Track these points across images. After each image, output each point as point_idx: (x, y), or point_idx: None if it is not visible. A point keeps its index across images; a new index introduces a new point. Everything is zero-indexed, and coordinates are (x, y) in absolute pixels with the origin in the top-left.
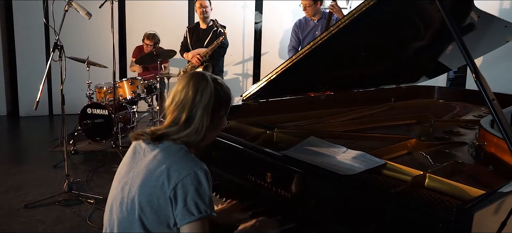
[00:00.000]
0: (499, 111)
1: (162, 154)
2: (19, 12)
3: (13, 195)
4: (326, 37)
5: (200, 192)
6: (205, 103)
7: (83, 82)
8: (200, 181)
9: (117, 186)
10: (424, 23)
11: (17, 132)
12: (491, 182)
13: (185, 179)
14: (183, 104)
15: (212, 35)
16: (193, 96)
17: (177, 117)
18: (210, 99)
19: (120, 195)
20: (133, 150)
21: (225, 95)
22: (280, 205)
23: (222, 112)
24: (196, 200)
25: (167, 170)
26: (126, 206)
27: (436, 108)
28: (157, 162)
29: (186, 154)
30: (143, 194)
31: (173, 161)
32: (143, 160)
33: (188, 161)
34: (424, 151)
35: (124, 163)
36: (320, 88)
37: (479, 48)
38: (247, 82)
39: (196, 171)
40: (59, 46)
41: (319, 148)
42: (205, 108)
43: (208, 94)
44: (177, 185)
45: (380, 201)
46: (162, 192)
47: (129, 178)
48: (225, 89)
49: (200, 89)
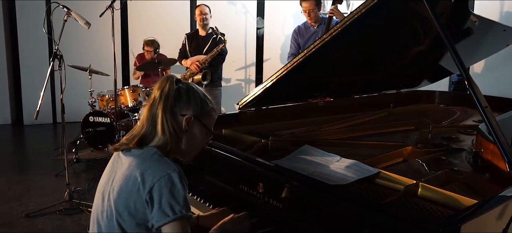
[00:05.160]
0: (492, 118)
1: (137, 160)
2: (22, 21)
3: (14, 204)
4: (323, 42)
5: (174, 194)
6: (163, 100)
7: (86, 90)
8: (173, 183)
9: (99, 197)
10: (423, 27)
11: (20, 140)
12: (486, 191)
13: (159, 182)
14: (149, 102)
15: (212, 43)
16: (154, 95)
17: (145, 116)
18: (167, 96)
19: (101, 205)
20: (112, 160)
21: (191, 97)
22: (272, 215)
23: (188, 114)
24: (170, 201)
25: (141, 175)
26: (106, 214)
27: (436, 113)
28: (132, 168)
29: (159, 157)
30: (120, 200)
31: (147, 166)
32: (120, 169)
33: (161, 165)
34: (420, 159)
35: (105, 174)
36: (318, 95)
37: (480, 52)
38: (249, 88)
39: (169, 173)
40: (58, 55)
41: (313, 157)
42: (164, 105)
43: (166, 92)
44: (152, 188)
45: (369, 212)
46: (138, 196)
47: (108, 186)
48: (193, 92)
49: (160, 87)
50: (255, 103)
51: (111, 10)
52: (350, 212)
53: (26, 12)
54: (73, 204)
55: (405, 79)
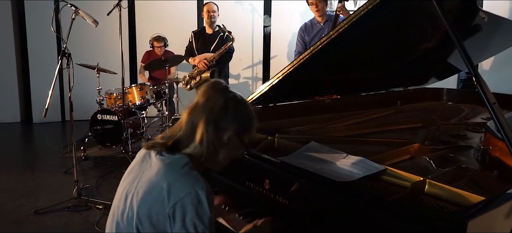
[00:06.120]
0: (500, 115)
1: (165, 168)
2: (31, 20)
3: (23, 201)
4: (329, 39)
5: (199, 213)
6: (208, 111)
7: (94, 89)
8: (200, 201)
9: (122, 194)
10: (431, 24)
11: (29, 138)
12: (495, 188)
13: (185, 198)
14: (191, 106)
15: (219, 40)
16: (198, 101)
17: (184, 119)
18: (213, 108)
19: (123, 204)
20: (142, 158)
21: (238, 113)
22: (278, 212)
23: (230, 130)
24: (195, 221)
25: (168, 187)
26: (126, 215)
27: (444, 111)
28: (160, 176)
29: (189, 171)
30: (143, 207)
31: (175, 178)
32: (149, 171)
33: (189, 179)
34: (428, 156)
35: (131, 170)
36: (325, 92)
37: (488, 49)
38: (256, 86)
39: (197, 190)
40: (66, 53)
41: (319, 153)
42: (208, 117)
43: (212, 102)
44: (176, 203)
45: (375, 209)
46: (161, 208)
47: (133, 187)
48: (241, 108)
49: (206, 94)
50: (262, 100)
51: (119, 9)
52: (356, 208)
53: (35, 11)
54: (81, 201)
55: (413, 76)
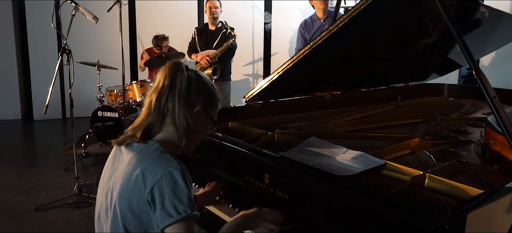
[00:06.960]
0: (501, 109)
1: (137, 157)
2: (32, 17)
3: (24, 198)
4: (329, 34)
5: (177, 193)
6: (175, 90)
7: (94, 85)
8: (175, 181)
9: (101, 194)
10: (431, 19)
11: (30, 135)
12: (495, 182)
13: (160, 181)
14: (156, 91)
15: (221, 37)
16: (161, 82)
17: (150, 104)
18: (180, 87)
19: (105, 202)
20: (113, 155)
21: (201, 87)
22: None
23: (198, 105)
24: (173, 201)
25: (142, 173)
26: (110, 213)
27: (444, 106)
28: (133, 165)
29: (160, 154)
30: (122, 200)
31: (147, 163)
32: (121, 165)
33: (162, 161)
34: (428, 151)
35: (106, 169)
36: (326, 88)
37: (489, 44)
38: (257, 83)
39: (171, 171)
40: (67, 50)
41: (319, 148)
42: (177, 96)
43: (178, 82)
44: (153, 187)
45: (375, 203)
46: (140, 196)
47: (111, 183)
48: (203, 82)
49: (169, 75)
50: (262, 96)
51: (119, 5)
52: (356, 202)
53: (35, 8)
54: (82, 197)
55: (413, 72)
